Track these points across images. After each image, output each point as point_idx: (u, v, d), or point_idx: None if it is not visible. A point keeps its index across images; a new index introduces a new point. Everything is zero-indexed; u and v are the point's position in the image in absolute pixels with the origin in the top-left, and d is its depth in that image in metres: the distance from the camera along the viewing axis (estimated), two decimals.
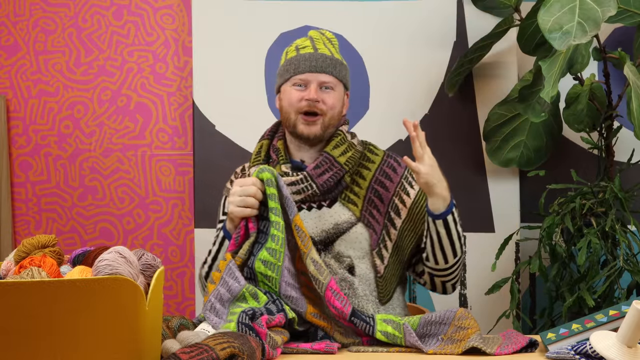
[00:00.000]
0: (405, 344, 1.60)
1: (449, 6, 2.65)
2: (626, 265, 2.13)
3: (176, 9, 2.83)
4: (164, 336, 1.50)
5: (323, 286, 1.68)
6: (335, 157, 1.87)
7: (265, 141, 1.98)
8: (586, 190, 2.28)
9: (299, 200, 1.86)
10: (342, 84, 1.92)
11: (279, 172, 1.86)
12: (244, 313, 1.57)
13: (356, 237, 1.86)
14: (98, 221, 2.84)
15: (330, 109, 1.88)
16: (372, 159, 1.94)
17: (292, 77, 1.89)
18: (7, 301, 1.20)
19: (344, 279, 1.84)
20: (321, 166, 1.86)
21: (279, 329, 1.63)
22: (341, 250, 1.85)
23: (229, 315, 1.63)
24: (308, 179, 1.85)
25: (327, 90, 1.88)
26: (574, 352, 1.46)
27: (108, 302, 1.24)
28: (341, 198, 1.89)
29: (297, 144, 1.92)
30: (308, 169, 1.86)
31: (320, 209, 1.88)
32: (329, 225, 1.86)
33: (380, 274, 1.85)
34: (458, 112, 2.64)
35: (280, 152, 1.92)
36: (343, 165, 1.87)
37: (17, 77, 2.84)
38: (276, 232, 1.70)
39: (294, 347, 1.61)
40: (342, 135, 1.92)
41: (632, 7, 2.23)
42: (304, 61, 1.88)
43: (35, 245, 1.50)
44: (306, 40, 1.94)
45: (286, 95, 1.90)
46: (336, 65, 1.90)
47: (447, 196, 1.81)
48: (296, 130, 1.88)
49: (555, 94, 2.01)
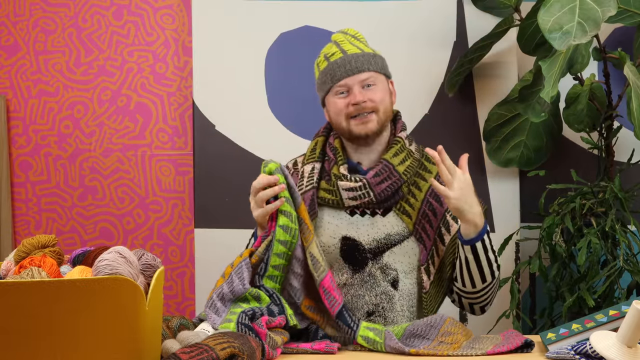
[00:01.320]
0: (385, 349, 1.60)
1: (449, 6, 2.64)
2: (626, 265, 2.13)
3: (176, 9, 2.83)
4: (164, 336, 1.51)
5: (317, 283, 1.68)
6: (394, 166, 1.83)
7: (321, 138, 1.94)
8: (586, 190, 2.28)
9: (354, 206, 1.84)
10: (382, 74, 1.88)
11: (337, 174, 1.84)
12: (243, 313, 1.57)
13: (407, 251, 1.83)
14: (98, 221, 2.84)
15: (381, 103, 1.85)
16: (429, 168, 1.90)
17: (332, 88, 1.86)
18: (7, 301, 1.20)
19: (385, 292, 1.81)
20: (380, 174, 1.82)
21: (279, 330, 1.63)
22: (389, 262, 1.82)
23: (229, 314, 1.63)
24: (367, 187, 1.81)
25: (370, 87, 1.84)
26: (574, 352, 1.46)
27: (108, 302, 1.24)
28: (396, 208, 1.85)
29: (353, 146, 1.89)
30: (368, 177, 1.82)
31: (374, 216, 1.84)
32: (381, 234, 1.83)
33: (426, 289, 1.82)
34: (458, 112, 2.64)
35: (339, 151, 1.88)
36: (402, 174, 1.83)
37: (17, 77, 2.84)
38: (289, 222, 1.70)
39: (294, 347, 1.61)
40: (401, 142, 1.88)
41: (632, 7, 2.22)
42: (338, 68, 1.84)
43: (35, 245, 1.50)
44: (332, 46, 1.90)
45: (331, 106, 1.87)
46: (370, 59, 1.86)
47: (479, 222, 1.75)
48: (352, 134, 1.85)
49: (555, 94, 2.01)
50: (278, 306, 1.67)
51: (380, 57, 1.91)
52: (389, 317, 1.80)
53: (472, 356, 1.54)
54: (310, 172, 1.88)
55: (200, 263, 2.64)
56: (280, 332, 1.62)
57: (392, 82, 1.93)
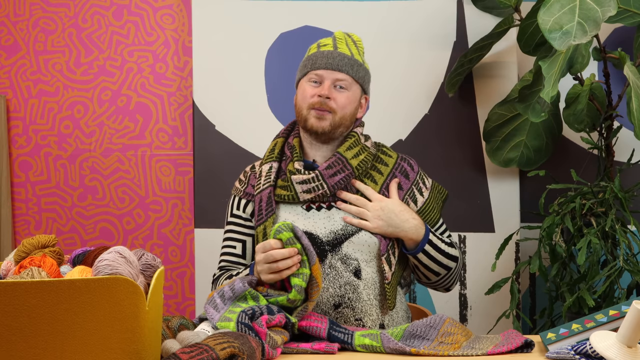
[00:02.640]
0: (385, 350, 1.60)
1: (449, 6, 2.65)
2: (626, 265, 2.13)
3: (176, 9, 2.83)
4: (164, 336, 1.50)
5: (295, 325, 1.67)
6: (347, 159, 1.86)
7: (280, 139, 1.98)
8: (586, 190, 2.28)
9: (308, 200, 1.86)
10: (358, 85, 1.91)
11: (292, 169, 1.86)
12: (243, 313, 1.57)
13: (365, 241, 1.85)
14: (98, 221, 2.84)
15: (341, 109, 1.87)
16: (385, 161, 1.94)
17: (308, 72, 1.90)
18: (7, 301, 1.20)
19: (349, 283, 1.82)
20: (333, 167, 1.86)
21: (279, 329, 1.63)
22: (349, 253, 1.84)
23: (228, 312, 1.63)
24: (320, 179, 1.84)
25: (341, 90, 1.88)
26: (574, 352, 1.46)
27: (108, 302, 1.24)
28: None
29: (309, 141, 1.92)
30: (320, 169, 1.86)
31: (330, 209, 1.87)
32: (337, 226, 1.85)
33: (387, 280, 1.84)
34: (458, 112, 2.64)
35: (295, 149, 1.91)
36: (355, 168, 1.86)
37: (17, 77, 2.84)
38: (302, 283, 1.69)
39: (294, 347, 1.60)
40: (356, 137, 1.91)
41: (632, 7, 2.23)
42: (321, 58, 1.89)
43: (35, 245, 1.50)
44: (329, 39, 1.95)
45: (301, 90, 1.92)
46: (353, 65, 1.89)
47: (415, 237, 1.84)
48: (307, 125, 1.88)
49: (555, 94, 2.01)
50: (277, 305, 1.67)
51: (366, 69, 1.94)
52: (357, 307, 1.81)
53: (472, 356, 1.54)
54: (267, 171, 1.92)
55: (200, 263, 2.64)
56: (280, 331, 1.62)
57: (367, 97, 1.96)
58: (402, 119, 2.65)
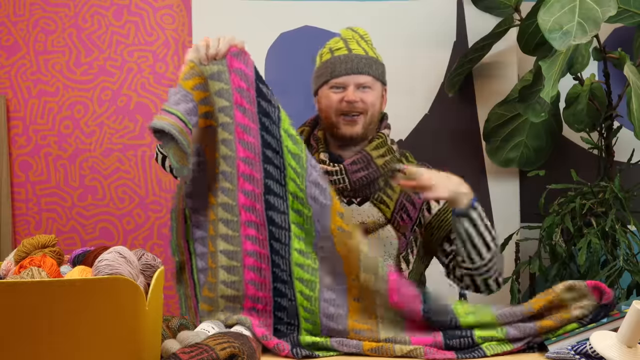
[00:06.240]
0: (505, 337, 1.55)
1: (449, 6, 2.64)
2: (626, 265, 2.13)
3: (176, 9, 2.83)
4: (164, 336, 1.50)
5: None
6: (373, 157, 1.87)
7: (307, 128, 1.98)
8: (586, 190, 2.28)
9: None
10: (379, 82, 1.92)
11: (317, 159, 1.85)
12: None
13: (382, 239, 1.85)
14: (98, 221, 2.84)
15: (371, 107, 1.89)
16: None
17: (329, 81, 1.89)
18: (7, 301, 1.20)
19: None
20: (358, 163, 1.86)
21: None
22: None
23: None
24: (343, 172, 1.85)
25: (365, 90, 1.89)
26: (574, 352, 1.46)
27: (108, 302, 1.24)
28: (373, 198, 1.88)
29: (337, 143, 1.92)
30: (345, 163, 1.86)
31: (350, 205, 1.87)
32: (355, 222, 1.84)
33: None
34: (458, 112, 2.64)
35: (321, 141, 1.92)
36: (380, 167, 1.87)
37: (17, 77, 2.84)
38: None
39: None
40: (383, 138, 1.92)
41: (632, 7, 2.23)
42: (339, 64, 1.88)
43: (35, 245, 1.50)
44: (339, 41, 1.93)
45: (324, 98, 1.90)
46: (372, 64, 1.90)
47: (468, 192, 1.79)
48: (338, 132, 1.89)
49: (555, 94, 2.02)
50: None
51: (381, 63, 1.95)
52: None
53: (473, 358, 1.54)
54: None
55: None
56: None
57: (386, 89, 1.97)
58: (402, 119, 2.64)
